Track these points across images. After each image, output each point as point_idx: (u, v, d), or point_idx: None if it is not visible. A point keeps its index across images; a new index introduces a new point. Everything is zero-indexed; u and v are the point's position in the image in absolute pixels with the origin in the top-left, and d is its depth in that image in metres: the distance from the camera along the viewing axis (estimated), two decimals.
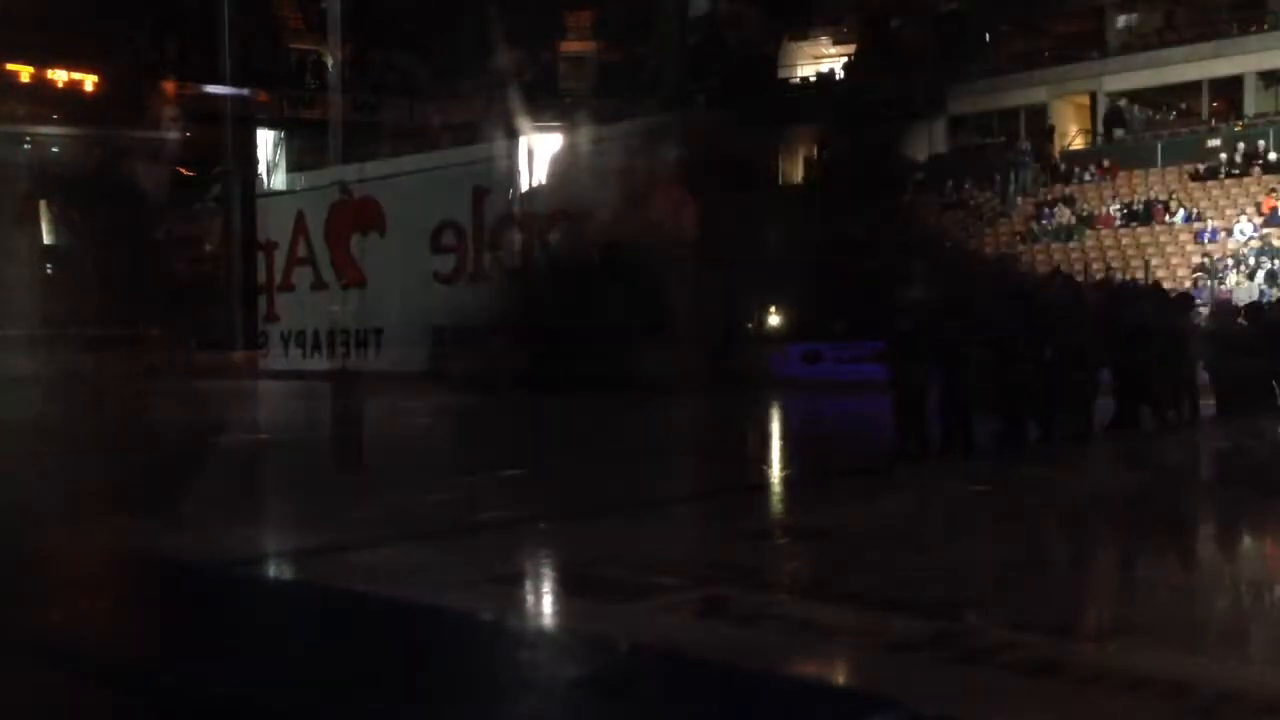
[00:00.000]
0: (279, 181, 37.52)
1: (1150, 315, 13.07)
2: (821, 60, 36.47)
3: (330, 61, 37.90)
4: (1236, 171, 27.07)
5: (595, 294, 22.68)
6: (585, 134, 28.43)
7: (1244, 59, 29.09)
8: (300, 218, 34.03)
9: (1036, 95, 32.33)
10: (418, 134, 34.88)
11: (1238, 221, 25.58)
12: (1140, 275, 22.67)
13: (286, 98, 36.89)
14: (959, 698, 3.79)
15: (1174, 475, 10.61)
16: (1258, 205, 25.76)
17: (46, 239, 34.37)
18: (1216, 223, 26.04)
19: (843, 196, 28.70)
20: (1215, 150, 27.84)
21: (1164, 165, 28.70)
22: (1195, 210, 26.77)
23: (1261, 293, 22.25)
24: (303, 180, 35.94)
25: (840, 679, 4.27)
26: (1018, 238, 28.69)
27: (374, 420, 13.92)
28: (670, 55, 33.82)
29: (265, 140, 37.70)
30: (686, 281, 20.87)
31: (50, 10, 29.12)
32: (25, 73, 32.32)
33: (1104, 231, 27.70)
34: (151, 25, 34.08)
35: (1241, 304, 18.30)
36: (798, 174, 36.86)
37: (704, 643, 4.55)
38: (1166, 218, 26.98)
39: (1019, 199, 30.00)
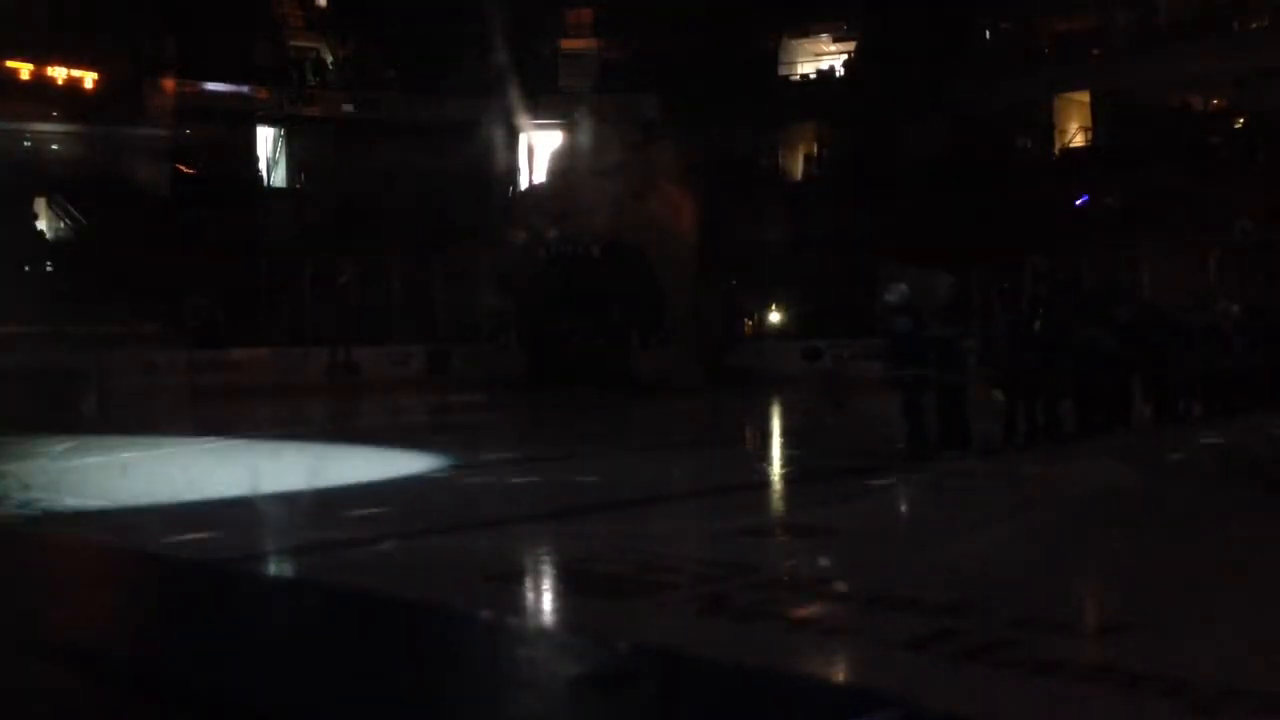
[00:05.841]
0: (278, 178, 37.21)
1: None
2: None
3: (329, 58, 37.74)
4: None
5: None
6: None
7: None
8: None
9: None
10: None
11: None
12: None
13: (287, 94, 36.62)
14: (958, 695, 3.78)
15: (1183, 473, 10.64)
16: None
17: None
18: None
19: None
20: None
21: None
22: None
23: None
24: None
25: (841, 675, 4.26)
26: None
27: None
28: None
29: (265, 137, 37.52)
30: None
31: (50, 7, 29.07)
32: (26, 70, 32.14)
33: None
34: (151, 22, 33.83)
35: None
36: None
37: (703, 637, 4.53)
38: None
39: None
